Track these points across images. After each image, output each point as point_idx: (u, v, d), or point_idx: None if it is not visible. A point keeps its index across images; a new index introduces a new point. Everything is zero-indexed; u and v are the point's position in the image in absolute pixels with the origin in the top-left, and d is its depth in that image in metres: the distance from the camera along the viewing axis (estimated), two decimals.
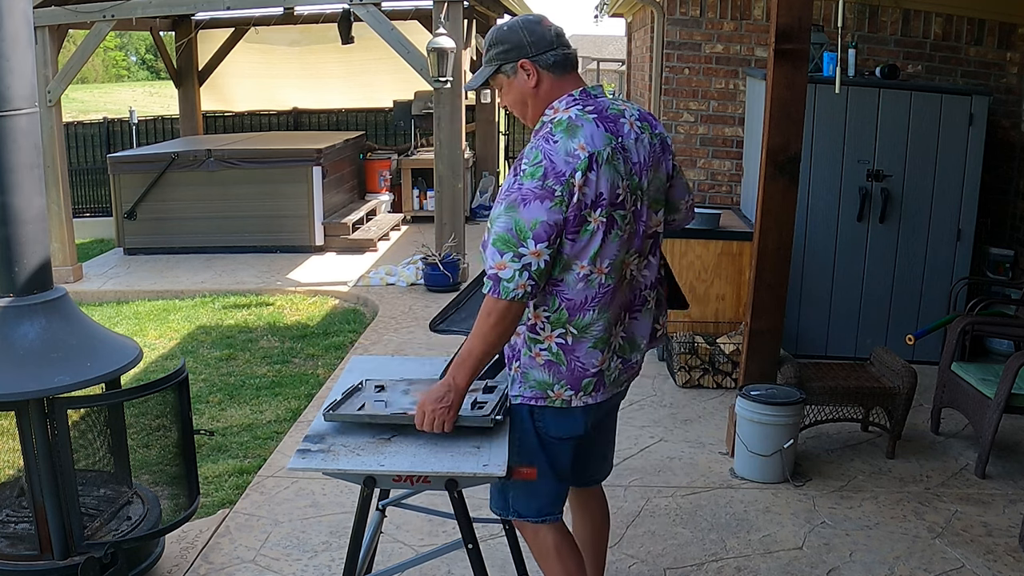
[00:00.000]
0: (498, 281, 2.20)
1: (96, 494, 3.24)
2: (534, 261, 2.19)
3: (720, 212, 5.54)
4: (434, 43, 6.94)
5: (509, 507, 2.53)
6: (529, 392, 2.39)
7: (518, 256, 2.19)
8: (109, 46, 31.35)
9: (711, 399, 5.01)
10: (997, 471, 4.14)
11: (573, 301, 2.31)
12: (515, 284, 2.19)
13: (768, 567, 3.33)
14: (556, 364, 2.36)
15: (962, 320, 4.56)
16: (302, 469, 2.29)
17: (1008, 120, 6.05)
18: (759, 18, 6.26)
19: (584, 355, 2.36)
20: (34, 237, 2.94)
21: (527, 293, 2.21)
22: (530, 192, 2.20)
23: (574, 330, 2.34)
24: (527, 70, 2.36)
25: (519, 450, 2.43)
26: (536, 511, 2.50)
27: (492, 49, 2.40)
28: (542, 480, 2.45)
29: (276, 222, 8.84)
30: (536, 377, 2.38)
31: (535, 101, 2.39)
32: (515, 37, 2.36)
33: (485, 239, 2.29)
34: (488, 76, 2.42)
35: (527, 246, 2.19)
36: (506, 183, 2.28)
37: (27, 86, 2.87)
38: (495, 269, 2.21)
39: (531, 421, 2.42)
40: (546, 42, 2.36)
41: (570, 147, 2.23)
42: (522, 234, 2.19)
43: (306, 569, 3.30)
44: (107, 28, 7.58)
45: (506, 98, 2.45)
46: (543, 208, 2.19)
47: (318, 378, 5.52)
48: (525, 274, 2.19)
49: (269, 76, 11.53)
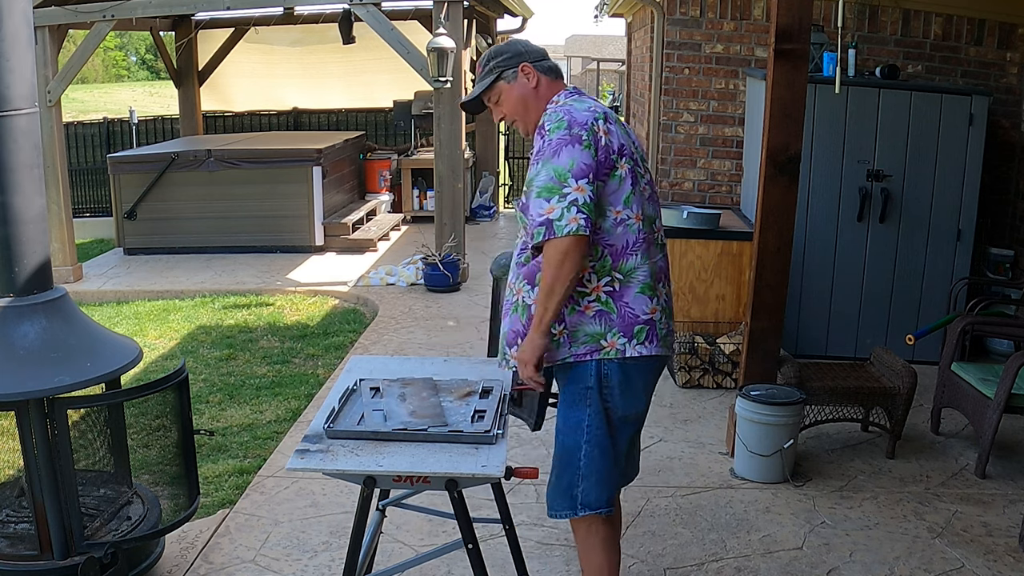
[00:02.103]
0: (550, 224, 2.32)
1: (96, 494, 3.24)
2: (580, 196, 2.33)
3: (720, 212, 5.54)
4: (434, 43, 6.94)
5: (578, 503, 2.55)
6: (582, 348, 2.46)
7: (563, 196, 2.33)
8: (109, 46, 31.33)
9: (711, 399, 5.01)
10: (997, 471, 4.14)
11: (615, 246, 2.44)
12: (566, 219, 2.30)
13: (768, 567, 3.33)
14: (606, 312, 2.45)
15: (962, 320, 4.56)
16: (301, 469, 2.30)
17: (1008, 120, 6.05)
18: (759, 18, 6.26)
19: (632, 300, 2.46)
20: (34, 237, 2.94)
21: (580, 226, 2.31)
22: (559, 141, 2.38)
23: (619, 275, 2.45)
24: (527, 73, 2.56)
25: (578, 424, 2.50)
26: (606, 501, 2.55)
27: (492, 61, 2.59)
28: (608, 465, 2.53)
29: (276, 222, 8.84)
30: (587, 330, 2.45)
31: (535, 102, 2.56)
32: (512, 48, 2.59)
33: (523, 201, 2.43)
34: (488, 85, 2.57)
35: (569, 185, 2.33)
36: (536, 147, 2.46)
37: (27, 86, 2.87)
38: (545, 215, 2.33)
39: (598, 393, 2.48)
40: (540, 52, 2.61)
41: (585, 105, 2.48)
42: (562, 177, 2.34)
43: (306, 569, 3.30)
44: (107, 28, 7.58)
45: (505, 106, 2.60)
46: (576, 151, 2.36)
47: (318, 378, 5.52)
48: (573, 208, 2.31)
49: (269, 76, 11.53)
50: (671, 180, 6.56)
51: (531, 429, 2.60)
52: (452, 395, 2.68)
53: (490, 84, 2.58)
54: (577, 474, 2.52)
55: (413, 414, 2.50)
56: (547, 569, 3.30)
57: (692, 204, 6.05)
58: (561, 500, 2.57)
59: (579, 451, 2.51)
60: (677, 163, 6.56)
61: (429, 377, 2.78)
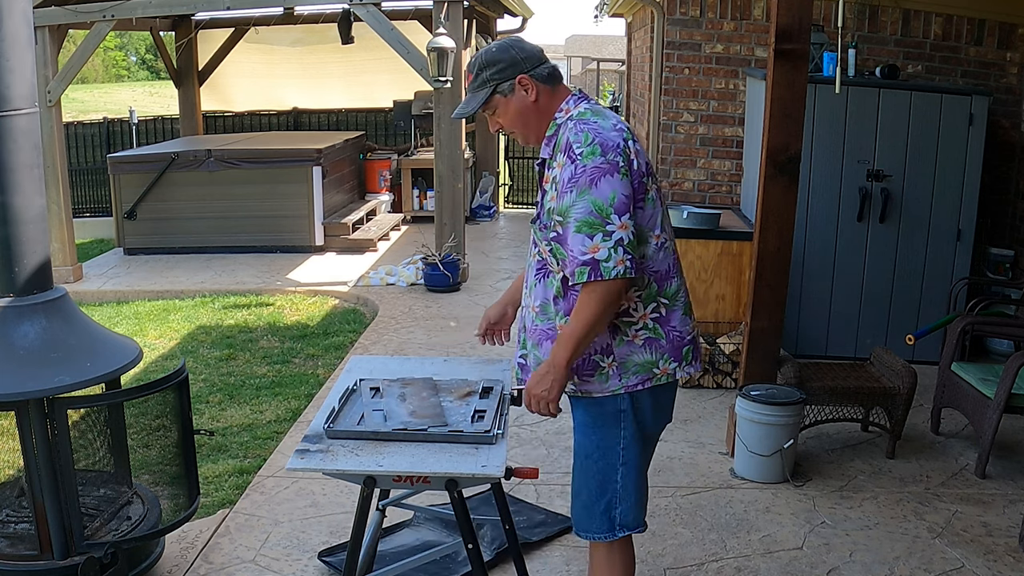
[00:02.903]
0: (596, 264, 2.20)
1: (96, 494, 3.24)
2: (624, 235, 2.21)
3: (720, 212, 5.54)
4: (434, 43, 6.94)
5: (616, 525, 2.44)
6: (634, 379, 2.37)
7: (608, 234, 2.20)
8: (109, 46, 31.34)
9: (711, 399, 5.01)
10: (997, 471, 4.14)
11: (659, 272, 2.35)
12: (614, 261, 2.20)
13: (768, 567, 3.33)
14: (655, 339, 2.37)
15: (962, 320, 4.56)
16: (301, 469, 2.30)
17: (1008, 120, 6.05)
18: (759, 18, 6.26)
19: (679, 323, 2.39)
20: (34, 237, 2.94)
21: (627, 268, 2.21)
22: (596, 170, 2.21)
23: (665, 300, 2.37)
24: (525, 85, 2.34)
25: (612, 446, 2.40)
26: (642, 520, 2.48)
27: (485, 71, 2.35)
28: (643, 483, 2.46)
29: (276, 222, 8.84)
30: (637, 360, 2.36)
31: (538, 116, 2.38)
32: (507, 55, 2.34)
33: (560, 233, 2.27)
34: (484, 100, 2.36)
35: (613, 222, 2.20)
36: (564, 173, 2.26)
37: (27, 86, 2.87)
38: (589, 254, 2.20)
39: (632, 414, 2.39)
40: (536, 56, 2.37)
41: (610, 123, 2.29)
42: (604, 212, 2.20)
43: (306, 569, 3.30)
44: (107, 28, 7.57)
45: (503, 120, 2.40)
46: (615, 181, 2.21)
47: (318, 378, 5.52)
48: (620, 249, 2.20)
49: (269, 76, 11.53)
50: (671, 180, 6.57)
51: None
52: (452, 395, 2.68)
53: (485, 100, 2.37)
54: (615, 496, 2.42)
55: (413, 414, 2.50)
56: (547, 569, 3.30)
57: (692, 204, 6.05)
58: (599, 523, 2.45)
59: (615, 473, 2.41)
60: (677, 163, 6.56)
61: (429, 377, 2.78)
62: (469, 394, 2.68)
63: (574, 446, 2.49)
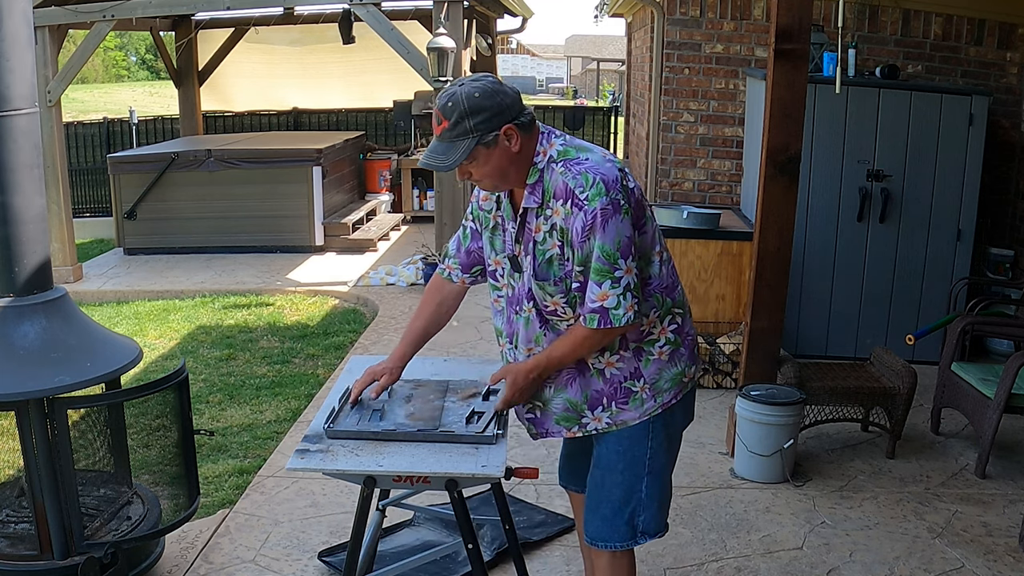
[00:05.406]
0: (605, 312, 2.19)
1: (96, 494, 3.24)
2: (630, 279, 2.19)
3: (720, 212, 5.54)
4: (434, 43, 6.94)
5: (638, 532, 2.42)
6: (667, 395, 2.36)
7: (616, 280, 2.18)
8: (109, 46, 31.36)
9: (711, 399, 5.01)
10: (997, 471, 4.14)
11: (667, 285, 2.35)
12: (623, 309, 2.19)
13: (768, 567, 3.33)
14: (676, 350, 2.38)
15: (962, 320, 4.56)
16: (301, 469, 2.29)
17: (1008, 120, 6.05)
18: (759, 18, 6.26)
19: (689, 327, 2.43)
20: (34, 237, 2.94)
21: (636, 312, 2.20)
22: (603, 212, 2.14)
23: (678, 310, 2.38)
24: (510, 135, 2.17)
25: (639, 458, 2.38)
26: (663, 524, 2.48)
27: (468, 119, 2.13)
28: (667, 488, 2.47)
29: (276, 222, 8.84)
30: (667, 375, 2.36)
31: (518, 164, 2.22)
32: (492, 102, 2.14)
33: (582, 283, 2.22)
34: (468, 152, 2.15)
35: (620, 267, 2.17)
36: (575, 223, 2.16)
37: (27, 86, 2.87)
38: (598, 301, 2.19)
39: (663, 428, 2.39)
40: (519, 102, 2.22)
41: (598, 155, 2.24)
42: (611, 257, 2.17)
43: (306, 569, 3.30)
44: (107, 28, 7.58)
45: (478, 171, 2.21)
46: (618, 221, 2.16)
47: (318, 378, 5.52)
48: (628, 295, 2.19)
49: (269, 76, 11.53)
50: (671, 180, 6.57)
51: None
52: (457, 396, 2.68)
53: (468, 152, 2.15)
54: (639, 504, 2.40)
55: (411, 416, 2.50)
56: (547, 569, 3.30)
57: (692, 204, 6.05)
58: (620, 532, 2.42)
59: (640, 483, 2.39)
60: (677, 163, 6.56)
61: (444, 380, 2.77)
62: (473, 395, 2.67)
63: (595, 456, 2.45)
